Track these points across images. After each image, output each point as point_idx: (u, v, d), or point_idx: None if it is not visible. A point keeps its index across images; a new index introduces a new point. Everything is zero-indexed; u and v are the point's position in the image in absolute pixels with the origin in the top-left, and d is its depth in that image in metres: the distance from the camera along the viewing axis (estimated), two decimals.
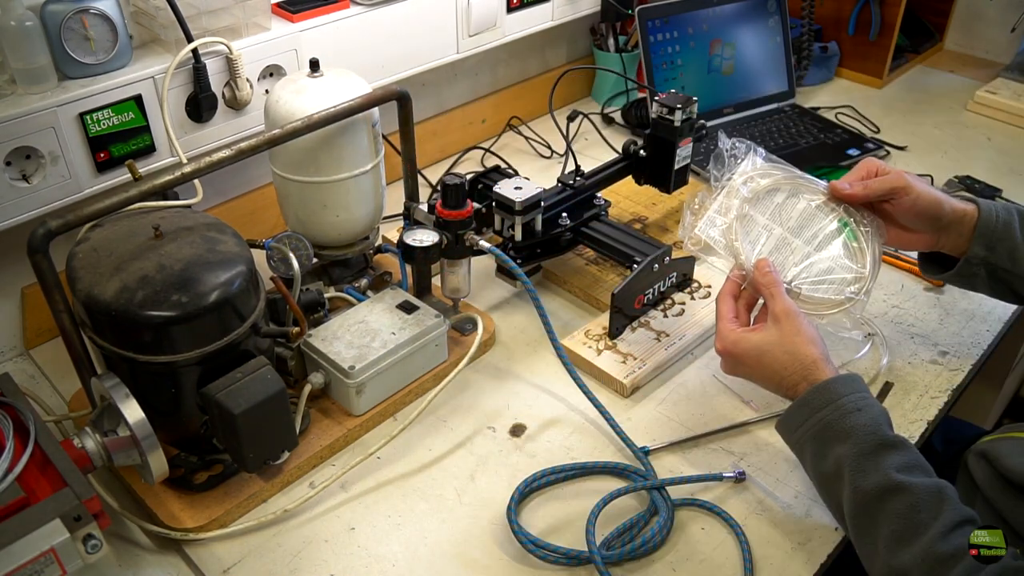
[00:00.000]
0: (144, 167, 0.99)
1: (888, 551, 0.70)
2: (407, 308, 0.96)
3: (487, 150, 1.47)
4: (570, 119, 1.18)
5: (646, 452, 0.89)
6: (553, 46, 1.60)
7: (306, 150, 0.93)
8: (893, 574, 0.69)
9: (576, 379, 0.91)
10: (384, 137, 1.02)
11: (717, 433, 0.92)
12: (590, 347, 1.01)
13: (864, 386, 0.79)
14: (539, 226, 1.07)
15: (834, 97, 1.66)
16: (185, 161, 0.95)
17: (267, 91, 1.07)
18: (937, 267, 0.95)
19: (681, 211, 1.27)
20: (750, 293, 0.88)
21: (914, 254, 1.17)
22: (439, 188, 0.97)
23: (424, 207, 1.01)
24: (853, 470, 0.73)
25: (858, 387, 0.78)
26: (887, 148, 1.46)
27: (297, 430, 0.86)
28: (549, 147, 1.47)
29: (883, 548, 0.70)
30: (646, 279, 1.03)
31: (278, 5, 1.11)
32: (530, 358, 1.03)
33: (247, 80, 1.05)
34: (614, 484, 0.85)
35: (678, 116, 1.10)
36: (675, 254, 1.09)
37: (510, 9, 1.34)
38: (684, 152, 1.15)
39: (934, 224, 0.89)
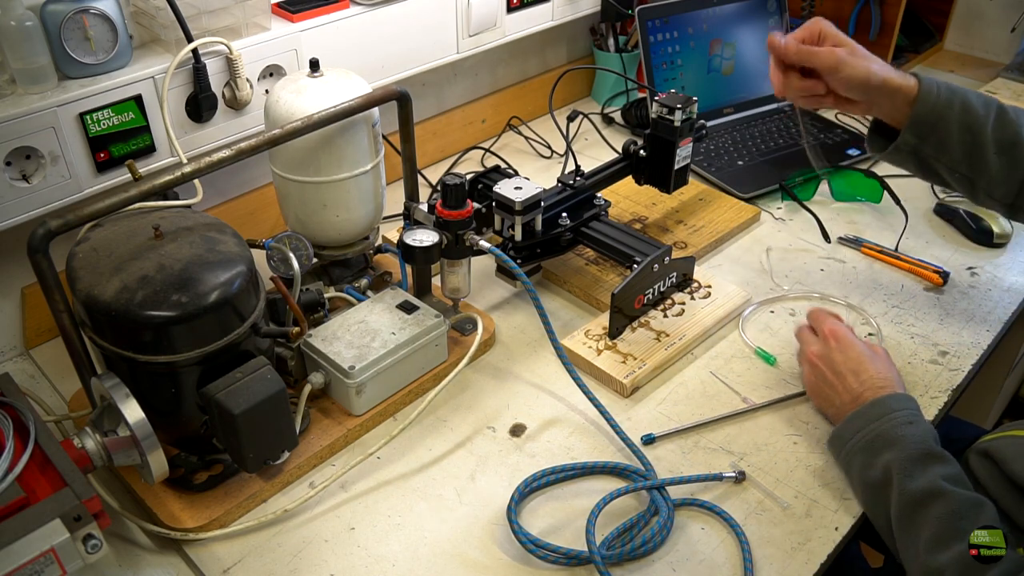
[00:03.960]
0: (144, 167, 0.99)
1: (926, 552, 0.72)
2: (407, 308, 0.96)
3: (487, 150, 1.47)
4: (570, 119, 1.18)
5: (651, 439, 0.90)
6: (553, 46, 1.60)
7: (306, 150, 0.93)
8: (928, 573, 0.72)
9: (576, 379, 0.91)
10: (384, 137, 1.02)
11: (719, 423, 0.92)
12: (590, 347, 1.01)
13: (916, 404, 0.83)
14: (539, 226, 1.07)
15: None
16: (185, 161, 0.95)
17: (267, 91, 1.07)
18: (882, 140, 0.97)
19: (681, 211, 1.27)
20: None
21: (915, 255, 1.18)
22: (439, 188, 0.97)
23: (424, 207, 1.01)
24: (902, 473, 0.76)
25: (910, 404, 0.82)
26: None
27: (297, 430, 0.86)
28: (549, 147, 1.47)
29: (923, 550, 0.73)
30: (646, 279, 1.03)
31: (278, 5, 1.11)
32: (530, 358, 1.03)
33: (247, 80, 1.05)
34: (614, 484, 0.85)
35: (678, 116, 1.10)
36: (675, 254, 1.09)
37: (510, 9, 1.34)
38: (684, 152, 1.15)
39: (864, 96, 0.92)
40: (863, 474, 0.80)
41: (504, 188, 1.04)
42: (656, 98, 1.12)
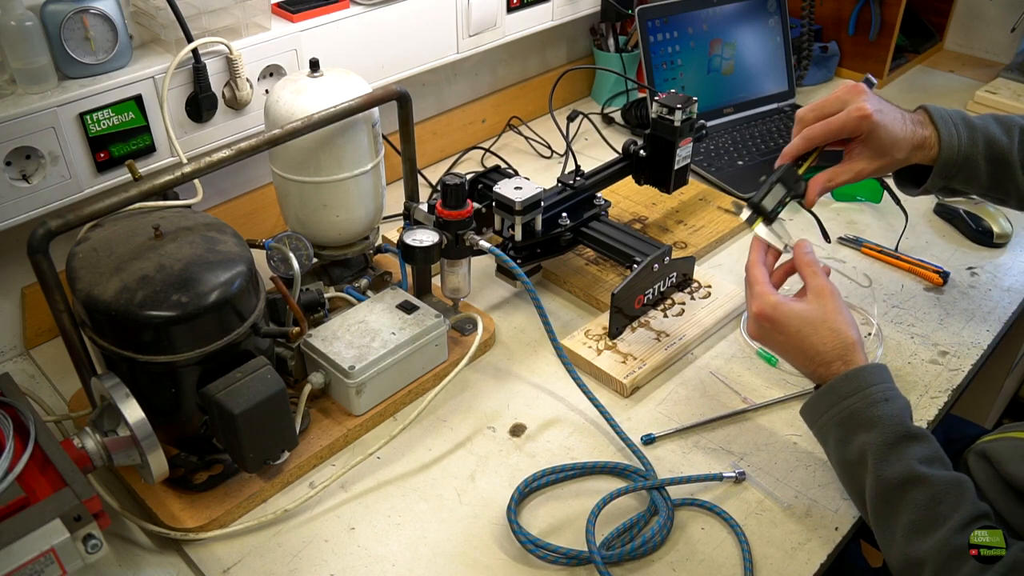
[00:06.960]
0: (144, 167, 0.99)
1: (905, 540, 0.71)
2: (407, 308, 0.96)
3: (487, 150, 1.47)
4: (570, 119, 1.18)
5: (651, 439, 0.90)
6: (553, 46, 1.60)
7: (306, 150, 0.94)
8: (909, 562, 0.70)
9: (576, 379, 0.91)
10: (384, 137, 1.02)
11: (719, 423, 0.92)
12: (590, 347, 1.01)
13: (890, 376, 0.79)
14: (539, 226, 1.07)
15: None
16: (185, 161, 0.95)
17: (267, 91, 1.07)
18: (907, 181, 0.98)
19: (681, 211, 1.27)
20: (783, 271, 0.88)
21: (915, 255, 1.18)
22: (439, 188, 0.97)
23: (424, 207, 1.01)
24: (877, 459, 0.74)
25: (885, 377, 0.78)
26: None
27: (297, 430, 0.86)
28: (549, 147, 1.47)
29: (900, 537, 0.71)
30: (646, 279, 1.03)
31: (278, 5, 1.11)
32: (530, 358, 1.03)
33: (247, 80, 1.05)
34: (614, 484, 0.85)
35: (678, 116, 1.10)
36: (675, 254, 1.09)
37: (510, 9, 1.34)
38: (684, 152, 1.15)
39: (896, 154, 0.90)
40: (839, 449, 0.78)
41: (504, 188, 1.04)
42: (656, 98, 1.12)
